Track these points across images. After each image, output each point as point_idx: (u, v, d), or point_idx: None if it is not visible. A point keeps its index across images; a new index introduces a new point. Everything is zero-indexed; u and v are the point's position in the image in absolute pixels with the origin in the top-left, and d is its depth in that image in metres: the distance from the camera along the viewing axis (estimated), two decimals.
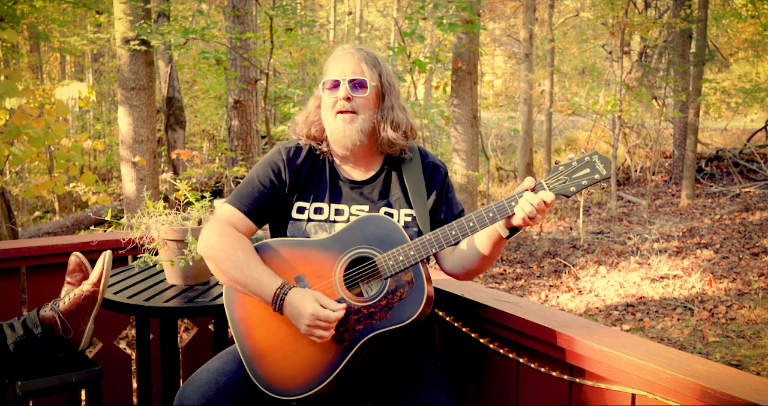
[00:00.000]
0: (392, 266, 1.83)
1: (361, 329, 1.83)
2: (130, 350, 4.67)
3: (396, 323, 1.81)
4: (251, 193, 2.01)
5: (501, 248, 1.89)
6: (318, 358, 1.85)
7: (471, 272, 1.98)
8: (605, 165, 1.73)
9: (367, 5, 22.14)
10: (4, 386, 2.27)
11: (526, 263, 9.22)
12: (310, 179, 2.03)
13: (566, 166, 1.75)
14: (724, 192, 12.00)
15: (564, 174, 1.75)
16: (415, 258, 1.82)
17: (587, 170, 1.74)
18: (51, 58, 18.17)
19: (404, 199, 2.02)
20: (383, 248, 1.85)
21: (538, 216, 1.72)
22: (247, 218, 1.99)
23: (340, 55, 1.99)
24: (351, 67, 1.96)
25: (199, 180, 10.93)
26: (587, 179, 1.73)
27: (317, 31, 16.69)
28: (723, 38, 19.80)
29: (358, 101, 1.95)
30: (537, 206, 1.71)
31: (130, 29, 6.56)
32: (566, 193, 1.74)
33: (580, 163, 1.74)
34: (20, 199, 12.50)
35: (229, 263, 1.88)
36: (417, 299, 1.81)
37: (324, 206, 2.01)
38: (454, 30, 7.11)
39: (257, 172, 2.03)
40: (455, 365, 2.26)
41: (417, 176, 2.02)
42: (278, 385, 1.88)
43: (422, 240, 1.83)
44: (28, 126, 4.59)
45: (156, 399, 2.98)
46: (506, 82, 25.49)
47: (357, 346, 1.82)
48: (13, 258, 2.81)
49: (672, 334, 6.39)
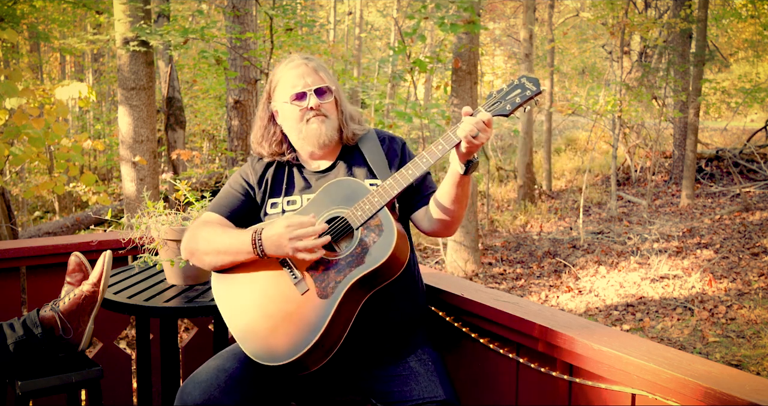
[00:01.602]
0: (360, 216, 1.91)
1: (341, 279, 1.87)
2: (130, 350, 4.67)
3: (372, 264, 1.86)
4: (226, 198, 2.15)
5: (466, 188, 1.95)
6: (306, 317, 1.88)
7: (448, 223, 2.02)
8: (533, 83, 1.88)
9: (367, 5, 22.13)
10: (4, 386, 2.27)
11: (526, 263, 9.22)
12: (277, 179, 2.15)
13: (498, 92, 1.90)
14: (724, 192, 12.00)
15: (498, 98, 1.89)
16: (380, 203, 1.91)
17: (518, 90, 1.89)
18: (51, 58, 18.17)
19: (368, 171, 2.11)
20: (351, 205, 1.94)
21: (480, 135, 1.81)
22: (226, 220, 2.10)
23: (294, 66, 2.09)
24: (311, 77, 2.08)
25: (199, 180, 10.94)
26: (520, 97, 1.87)
27: (317, 31, 16.69)
28: (723, 38, 19.80)
29: (325, 107, 2.08)
30: (477, 126, 1.80)
31: (130, 30, 6.56)
32: (503, 112, 1.87)
33: (510, 86, 1.90)
34: (20, 199, 12.50)
35: (207, 242, 2.00)
36: (388, 239, 1.88)
37: (296, 198, 2.11)
38: (455, 30, 7.10)
39: (230, 183, 2.19)
40: (455, 365, 2.26)
41: (375, 149, 2.13)
42: (270, 351, 1.89)
43: (382, 185, 1.92)
44: (28, 126, 4.59)
45: (156, 399, 2.98)
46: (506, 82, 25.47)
47: (340, 296, 1.85)
48: (13, 258, 2.81)
49: (672, 334, 6.40)
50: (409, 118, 8.20)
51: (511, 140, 18.16)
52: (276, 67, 2.16)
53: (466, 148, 1.84)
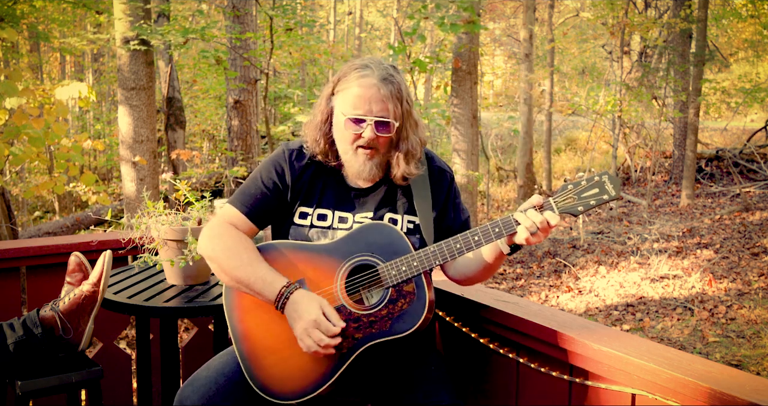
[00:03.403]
0: (395, 275, 1.82)
1: (360, 338, 1.82)
2: (130, 350, 4.67)
3: (396, 333, 1.80)
4: (253, 194, 1.98)
5: (502, 262, 1.90)
6: (315, 364, 1.84)
7: (471, 279, 2.00)
8: (614, 185, 1.71)
9: (367, 5, 22.13)
10: (4, 386, 2.27)
11: (526, 263, 9.22)
12: (314, 184, 1.99)
13: (575, 186, 1.73)
14: (724, 192, 12.00)
15: (572, 193, 1.73)
16: (417, 269, 1.81)
17: (596, 190, 1.72)
18: (51, 58, 18.17)
19: (409, 206, 1.98)
20: (386, 257, 1.84)
21: (540, 234, 1.72)
22: (248, 220, 1.97)
23: (367, 85, 1.86)
24: (378, 105, 1.86)
25: (199, 180, 10.94)
26: (595, 199, 1.72)
27: (317, 31, 16.69)
28: (723, 38, 19.79)
29: (381, 140, 1.90)
30: (540, 226, 1.71)
31: (130, 29, 6.56)
32: (574, 212, 1.73)
33: (590, 182, 1.72)
34: (20, 199, 12.50)
35: (233, 262, 1.87)
36: (418, 310, 1.81)
37: (328, 213, 1.98)
38: (455, 30, 7.10)
39: (260, 173, 2.00)
40: (455, 365, 2.26)
41: (422, 183, 1.98)
42: (275, 388, 1.87)
43: (426, 252, 1.81)
44: (28, 126, 4.59)
45: (156, 399, 2.98)
46: (506, 82, 25.50)
47: (355, 354, 1.82)
48: (13, 258, 2.81)
49: (672, 334, 6.39)
50: None
51: (511, 140, 18.15)
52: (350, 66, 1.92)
53: (520, 242, 1.75)
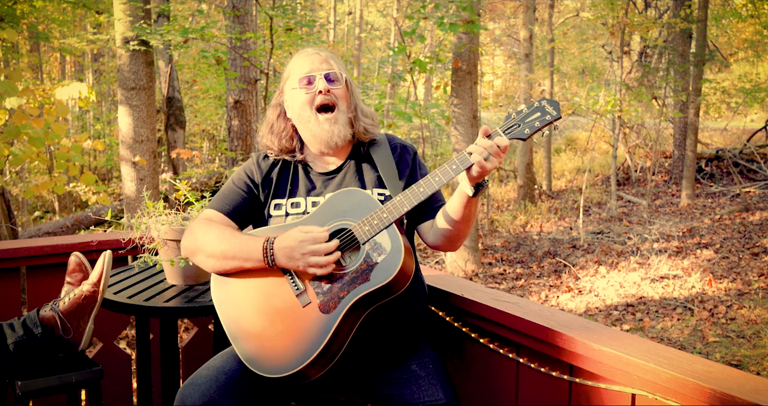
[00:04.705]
0: (368, 230, 1.87)
1: (344, 295, 1.85)
2: (130, 350, 4.68)
3: (377, 283, 1.83)
4: (227, 194, 2.11)
5: (473, 209, 1.93)
6: (307, 331, 1.86)
7: (452, 238, 2.00)
8: (554, 107, 1.81)
9: (367, 5, 22.12)
10: (4, 386, 2.27)
11: (526, 263, 9.21)
12: (282, 179, 2.11)
13: (518, 113, 1.83)
14: (724, 192, 12.00)
15: (517, 120, 1.83)
16: (388, 219, 1.86)
17: (538, 114, 1.82)
18: (51, 58, 18.17)
19: (377, 180, 2.07)
20: (358, 217, 1.90)
21: (493, 159, 1.78)
22: (227, 217, 2.07)
23: (305, 56, 2.07)
24: (323, 65, 2.04)
25: (199, 180, 10.93)
26: (539, 121, 1.81)
27: (317, 31, 16.68)
28: (723, 38, 19.80)
29: (336, 92, 2.04)
30: (491, 150, 1.77)
31: (130, 29, 6.56)
32: (521, 136, 1.81)
33: (530, 108, 1.83)
34: (20, 199, 12.50)
35: (214, 239, 1.96)
36: (395, 257, 1.85)
37: (300, 200, 2.08)
38: (455, 30, 7.10)
39: (233, 179, 2.14)
40: (455, 365, 2.26)
41: (387, 157, 2.09)
42: (269, 363, 1.87)
43: (393, 202, 1.88)
44: (28, 126, 4.59)
45: (156, 399, 2.98)
46: (506, 82, 25.49)
47: (343, 312, 1.83)
48: (13, 258, 2.81)
49: (672, 334, 6.39)
50: (408, 118, 8.21)
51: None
52: (289, 61, 2.13)
53: (476, 171, 1.79)
